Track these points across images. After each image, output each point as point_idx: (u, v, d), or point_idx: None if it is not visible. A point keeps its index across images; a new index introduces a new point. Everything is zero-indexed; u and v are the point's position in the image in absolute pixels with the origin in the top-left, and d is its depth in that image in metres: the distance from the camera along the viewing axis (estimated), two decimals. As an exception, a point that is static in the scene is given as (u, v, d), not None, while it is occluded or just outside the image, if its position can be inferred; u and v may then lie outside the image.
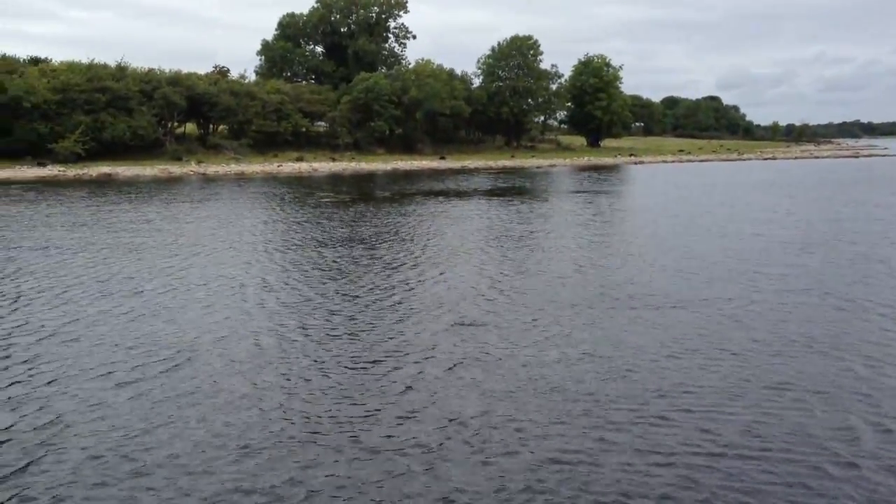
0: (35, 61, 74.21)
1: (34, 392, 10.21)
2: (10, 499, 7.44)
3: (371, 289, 16.96)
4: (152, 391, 10.28)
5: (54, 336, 12.88)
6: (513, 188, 49.27)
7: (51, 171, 56.26)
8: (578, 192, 46.25)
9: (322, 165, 70.11)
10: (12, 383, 10.54)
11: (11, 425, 9.11)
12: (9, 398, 9.98)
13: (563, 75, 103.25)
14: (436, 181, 54.85)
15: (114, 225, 27.70)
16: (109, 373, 10.98)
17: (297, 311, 14.81)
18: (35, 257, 20.58)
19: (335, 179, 57.53)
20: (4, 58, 68.07)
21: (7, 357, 11.72)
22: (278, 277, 18.33)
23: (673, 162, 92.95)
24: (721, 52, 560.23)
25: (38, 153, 59.49)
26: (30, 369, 11.13)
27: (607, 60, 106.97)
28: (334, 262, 20.45)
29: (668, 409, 9.71)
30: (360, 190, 47.38)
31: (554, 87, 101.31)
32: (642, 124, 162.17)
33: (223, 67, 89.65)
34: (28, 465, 8.13)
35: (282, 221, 29.73)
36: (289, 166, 68.00)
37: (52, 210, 32.44)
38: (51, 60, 74.65)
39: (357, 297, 16.14)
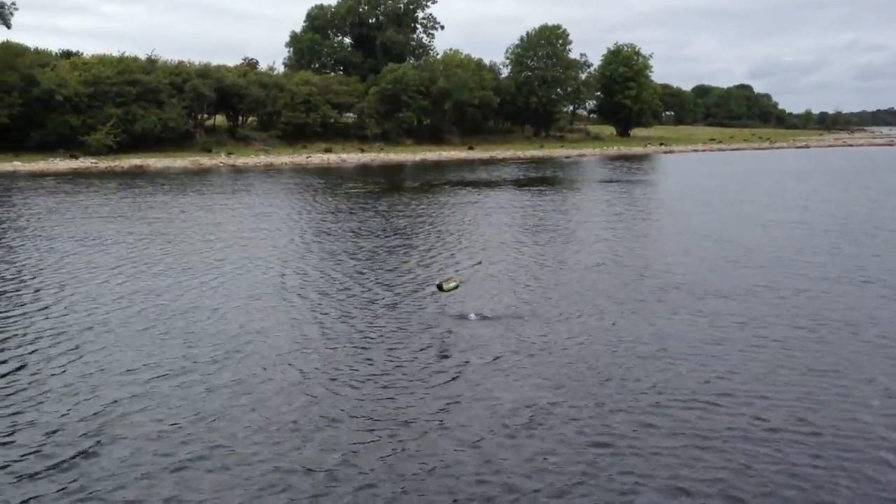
0: (67, 55, 74.73)
1: (85, 381, 10.35)
2: (65, 486, 7.50)
3: (410, 279, 16.94)
4: (202, 380, 10.39)
5: (102, 326, 13.02)
6: (543, 178, 48.99)
7: (83, 163, 56.72)
8: (610, 181, 45.92)
9: (350, 156, 70.16)
10: (62, 373, 10.68)
11: (64, 414, 9.21)
12: (61, 387, 10.11)
13: (592, 64, 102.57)
14: (465, 171, 54.70)
15: (150, 216, 27.87)
16: (158, 362, 11.10)
17: (338, 301, 14.85)
18: (76, 248, 20.78)
19: (364, 170, 57.57)
20: (37, 51, 68.60)
21: (55, 346, 11.87)
22: (317, 267, 18.35)
23: (704, 151, 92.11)
24: (753, 41, 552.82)
25: (71, 145, 59.97)
26: (79, 359, 11.28)
27: (637, 49, 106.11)
28: (370, 252, 20.44)
29: (713, 396, 9.66)
30: (390, 181, 47.36)
31: (583, 76, 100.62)
32: (673, 113, 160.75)
33: (252, 59, 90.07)
34: (82, 452, 8.26)
35: (314, 212, 29.75)
36: (317, 157, 68.08)
37: (89, 201, 32.67)
38: (82, 54, 75.24)
39: (396, 286, 16.14)
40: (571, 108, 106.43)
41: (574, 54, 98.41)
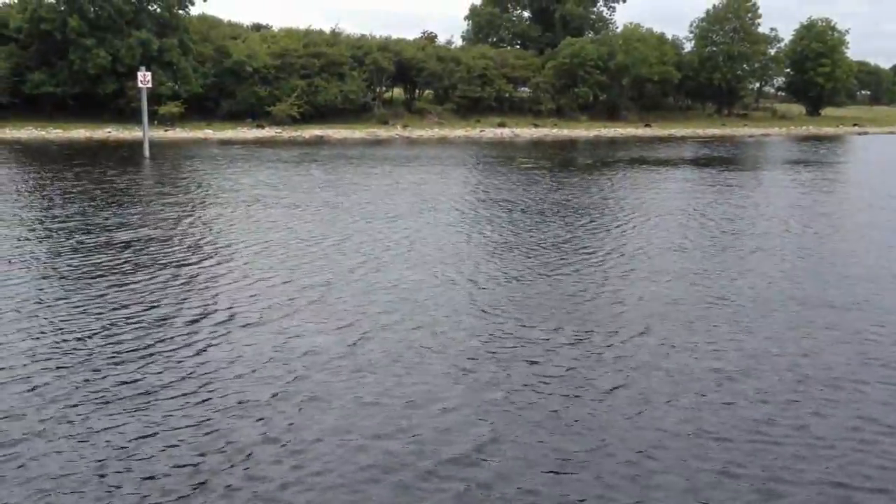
0: (257, 27, 78.22)
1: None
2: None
3: (582, 261, 16.39)
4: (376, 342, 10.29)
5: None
6: (724, 158, 46.64)
7: (268, 132, 59.22)
8: (797, 162, 43.17)
9: (524, 131, 69.66)
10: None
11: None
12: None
13: (782, 39, 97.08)
14: (641, 149, 53.00)
15: (370, 183, 28.63)
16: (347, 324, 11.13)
17: (509, 278, 14.52)
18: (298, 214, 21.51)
19: (537, 145, 56.94)
20: (230, 24, 72.26)
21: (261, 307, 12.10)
22: (486, 249, 18.09)
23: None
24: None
25: (257, 115, 62.74)
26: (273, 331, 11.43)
27: (832, 24, 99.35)
28: (543, 229, 20.00)
29: None
30: (563, 156, 46.54)
31: (772, 52, 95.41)
32: (869, 93, 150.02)
33: (431, 33, 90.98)
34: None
35: (485, 186, 29.50)
36: (491, 132, 68.04)
37: (299, 170, 33.91)
38: (271, 27, 78.56)
39: (566, 268, 15.64)
40: (758, 85, 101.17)
41: (763, 28, 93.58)
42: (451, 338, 10.71)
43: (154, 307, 11.96)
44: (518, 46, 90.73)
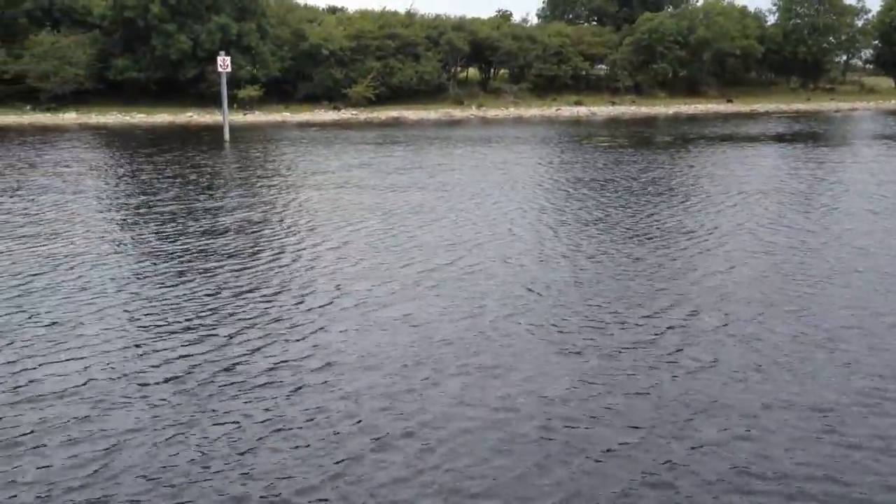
0: (332, 10, 78.55)
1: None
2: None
3: (687, 239, 15.98)
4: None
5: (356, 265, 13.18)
6: (811, 134, 45.06)
7: (344, 114, 59.56)
8: (890, 137, 41.46)
9: (601, 109, 68.62)
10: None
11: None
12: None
13: (870, 11, 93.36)
14: (722, 125, 51.62)
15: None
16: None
17: (585, 259, 14.22)
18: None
19: (614, 123, 55.97)
20: (306, 7, 72.83)
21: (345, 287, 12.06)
22: (584, 228, 17.80)
23: None
24: None
25: (334, 98, 63.11)
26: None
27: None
28: (639, 208, 19.58)
29: None
30: (641, 134, 45.59)
31: (859, 23, 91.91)
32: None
33: (506, 11, 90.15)
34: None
35: (571, 165, 29.07)
36: (567, 110, 67.21)
37: (390, 155, 34.03)
38: (346, 9, 78.81)
39: (669, 246, 15.25)
40: (844, 58, 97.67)
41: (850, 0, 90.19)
42: (559, 319, 10.53)
43: (267, 291, 12.04)
44: (594, 23, 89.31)
